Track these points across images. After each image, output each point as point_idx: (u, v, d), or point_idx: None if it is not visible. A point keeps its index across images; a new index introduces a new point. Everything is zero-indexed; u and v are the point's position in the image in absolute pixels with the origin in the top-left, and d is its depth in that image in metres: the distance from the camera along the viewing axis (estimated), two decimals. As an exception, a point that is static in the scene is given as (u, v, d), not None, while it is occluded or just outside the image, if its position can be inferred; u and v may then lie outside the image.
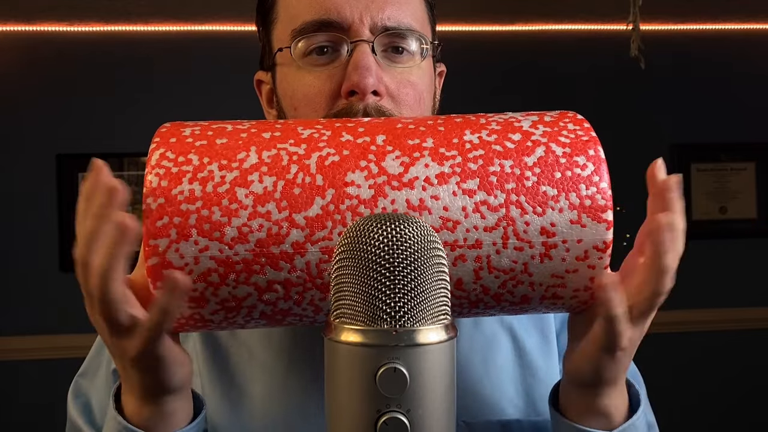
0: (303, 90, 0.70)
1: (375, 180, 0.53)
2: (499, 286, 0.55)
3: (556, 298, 0.57)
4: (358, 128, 0.56)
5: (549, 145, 0.55)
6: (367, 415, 0.39)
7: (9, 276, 2.72)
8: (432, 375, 0.40)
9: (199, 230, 0.51)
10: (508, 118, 0.58)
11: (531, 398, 0.72)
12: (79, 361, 0.77)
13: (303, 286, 0.53)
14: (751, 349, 2.99)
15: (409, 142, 0.55)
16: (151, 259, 0.51)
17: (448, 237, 0.53)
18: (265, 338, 0.72)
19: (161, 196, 0.52)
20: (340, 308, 0.41)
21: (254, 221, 0.52)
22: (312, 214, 0.52)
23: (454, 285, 0.54)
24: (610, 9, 2.50)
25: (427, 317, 0.40)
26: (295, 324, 0.58)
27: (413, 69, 0.71)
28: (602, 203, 0.54)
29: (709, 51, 3.01)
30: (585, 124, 0.57)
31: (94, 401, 0.72)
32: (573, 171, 0.54)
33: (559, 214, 0.53)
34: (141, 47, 2.76)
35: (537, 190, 0.53)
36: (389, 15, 0.69)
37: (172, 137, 0.55)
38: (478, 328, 0.75)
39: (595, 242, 0.54)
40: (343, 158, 0.54)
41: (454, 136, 0.55)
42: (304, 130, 0.56)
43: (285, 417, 0.69)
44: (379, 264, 0.40)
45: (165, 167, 0.53)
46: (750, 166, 3.06)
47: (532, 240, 0.53)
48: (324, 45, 0.69)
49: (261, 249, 0.52)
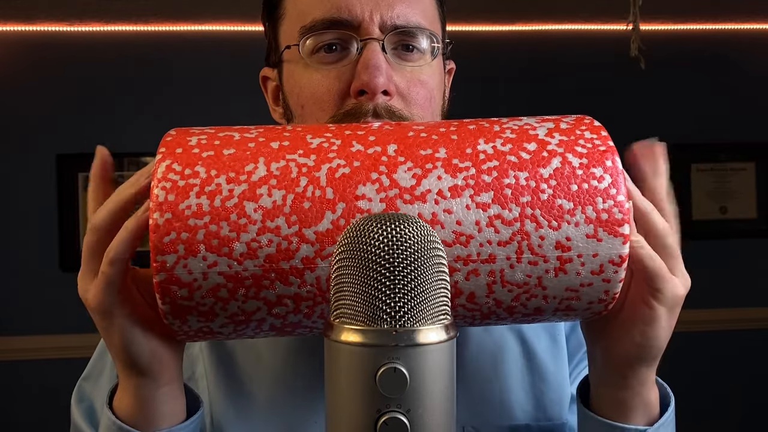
0: (311, 88, 0.69)
1: (386, 193, 0.52)
2: (513, 300, 0.54)
3: (569, 310, 0.56)
4: (368, 137, 0.55)
5: (565, 156, 0.53)
6: (367, 415, 0.39)
7: (9, 276, 2.72)
8: (432, 375, 0.40)
9: (207, 246, 0.50)
10: (522, 125, 0.56)
11: (541, 403, 0.72)
12: (79, 361, 0.77)
13: (313, 300, 0.52)
14: (751, 349, 2.99)
15: (422, 153, 0.53)
16: (159, 275, 0.51)
17: (461, 252, 0.51)
18: (272, 342, 0.72)
19: (168, 210, 0.51)
20: (340, 308, 0.41)
21: (263, 236, 0.51)
22: (322, 229, 0.51)
23: (466, 298, 0.53)
24: (610, 9, 2.50)
25: (427, 317, 0.40)
26: (305, 335, 0.58)
27: (424, 68, 0.69)
28: (619, 217, 0.52)
29: (709, 51, 3.01)
30: (602, 132, 0.56)
31: (98, 405, 0.72)
32: (590, 183, 0.53)
33: (575, 228, 0.52)
34: (141, 47, 2.76)
35: (553, 204, 0.52)
36: (399, 13, 0.68)
37: (178, 147, 0.54)
38: (487, 333, 0.74)
39: (611, 257, 0.53)
40: (353, 170, 0.52)
41: (467, 145, 0.54)
42: (313, 139, 0.55)
43: (291, 420, 0.69)
44: (379, 264, 0.40)
45: (172, 180, 0.51)
46: (750, 166, 3.05)
47: (547, 254, 0.52)
48: (333, 43, 0.68)
49: (270, 264, 0.51)
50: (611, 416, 0.60)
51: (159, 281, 0.51)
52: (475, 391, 0.71)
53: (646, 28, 1.86)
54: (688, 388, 2.86)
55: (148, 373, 0.57)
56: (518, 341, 0.74)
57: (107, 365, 0.74)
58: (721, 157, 3.04)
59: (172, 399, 0.59)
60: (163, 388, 0.58)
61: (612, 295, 0.55)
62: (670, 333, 0.58)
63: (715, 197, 3.03)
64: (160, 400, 0.58)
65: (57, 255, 2.72)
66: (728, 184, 3.05)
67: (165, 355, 0.57)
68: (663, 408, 0.62)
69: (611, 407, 0.60)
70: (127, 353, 0.56)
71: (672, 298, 0.56)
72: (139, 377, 0.57)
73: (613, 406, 0.60)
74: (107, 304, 0.54)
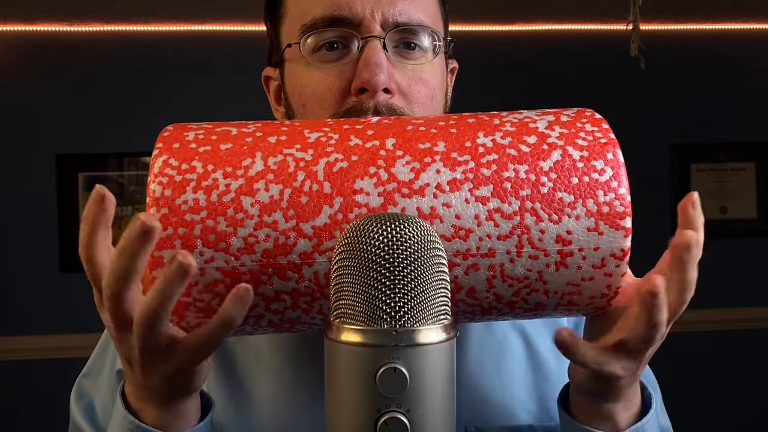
0: (312, 87, 0.68)
1: (384, 187, 0.51)
2: (513, 294, 0.53)
3: (571, 304, 0.55)
4: (366, 131, 0.54)
5: (566, 149, 0.53)
6: (367, 414, 0.39)
7: (9, 276, 2.72)
8: (432, 375, 0.40)
9: (204, 241, 0.50)
10: (522, 118, 0.56)
11: (544, 403, 0.71)
12: (79, 361, 0.76)
13: (311, 296, 0.52)
14: (752, 349, 2.99)
15: (420, 146, 0.53)
16: (156, 270, 0.50)
17: (460, 246, 0.51)
18: (272, 342, 0.72)
19: (165, 205, 0.50)
20: (340, 308, 0.41)
21: (260, 231, 0.50)
22: (320, 223, 0.50)
23: (466, 293, 0.53)
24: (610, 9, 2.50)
25: (427, 317, 0.40)
26: (304, 331, 0.58)
27: (425, 66, 0.69)
28: (620, 210, 0.52)
29: (708, 51, 3.01)
30: (603, 124, 0.55)
31: (98, 402, 0.72)
32: (590, 176, 0.52)
33: (576, 222, 0.51)
34: (141, 47, 2.76)
35: (553, 197, 0.51)
36: (401, 10, 0.68)
37: (175, 142, 0.53)
38: (490, 332, 0.73)
39: (613, 250, 0.52)
40: (351, 164, 0.52)
41: (466, 139, 0.53)
42: (311, 133, 0.54)
43: (292, 420, 0.69)
44: (379, 264, 0.40)
45: (168, 175, 0.51)
46: (750, 166, 3.05)
47: (548, 248, 0.51)
48: (334, 41, 0.68)
49: (268, 259, 0.50)
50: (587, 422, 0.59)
51: (156, 276, 0.50)
52: (478, 391, 0.70)
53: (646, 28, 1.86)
54: (688, 388, 2.86)
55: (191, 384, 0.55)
56: (521, 340, 0.74)
57: (107, 362, 0.74)
58: (721, 157, 3.04)
59: (195, 400, 0.59)
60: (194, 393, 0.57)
61: (614, 290, 0.54)
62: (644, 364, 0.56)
63: (715, 197, 3.03)
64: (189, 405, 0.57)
65: (57, 255, 2.72)
66: (728, 184, 3.04)
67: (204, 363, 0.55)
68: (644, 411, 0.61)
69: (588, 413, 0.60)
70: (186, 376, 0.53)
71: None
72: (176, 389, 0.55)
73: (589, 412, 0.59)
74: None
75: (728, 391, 2.98)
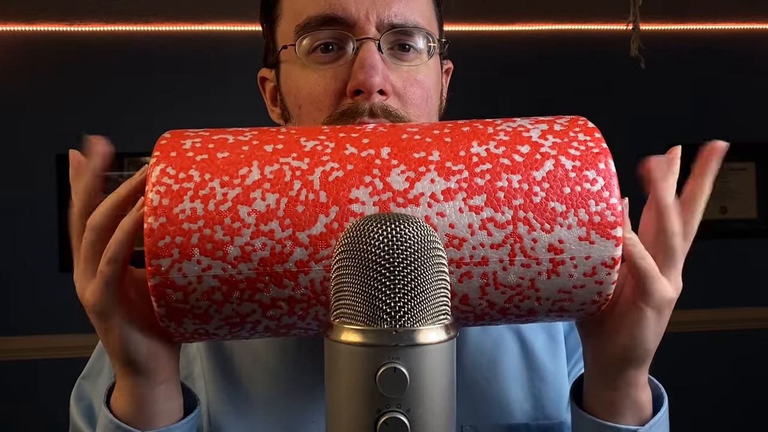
0: (307, 88, 0.68)
1: (380, 197, 0.52)
2: (505, 301, 0.54)
3: (562, 311, 0.56)
4: (362, 139, 0.55)
5: (558, 158, 0.53)
6: (367, 415, 0.39)
7: (9, 276, 2.72)
8: (432, 375, 0.40)
9: (201, 249, 0.51)
10: (516, 126, 0.56)
11: (539, 402, 0.72)
12: (78, 361, 0.76)
13: (307, 303, 0.53)
14: (752, 349, 2.99)
15: (415, 156, 0.53)
16: (154, 278, 0.51)
17: (453, 254, 0.52)
18: (271, 342, 0.72)
19: (163, 215, 0.51)
20: (340, 308, 0.41)
21: (257, 240, 0.51)
22: (316, 232, 0.51)
23: (459, 300, 0.53)
24: (610, 9, 2.50)
25: (427, 317, 0.40)
26: (299, 336, 0.58)
27: (420, 67, 0.69)
28: (611, 220, 0.52)
29: (708, 51, 3.01)
30: (596, 133, 0.56)
31: (97, 404, 0.72)
32: (582, 186, 0.53)
33: (568, 231, 0.52)
34: (141, 47, 2.76)
35: (545, 207, 0.52)
36: (396, 12, 0.68)
37: (173, 151, 0.54)
38: (486, 332, 0.74)
39: (604, 259, 0.53)
40: (347, 173, 0.52)
41: (461, 148, 0.54)
42: (307, 141, 0.55)
43: (290, 420, 0.69)
44: (379, 264, 0.40)
45: (166, 184, 0.52)
46: (750, 166, 3.05)
47: (540, 257, 0.52)
48: (329, 42, 0.68)
49: (264, 268, 0.51)
50: (602, 415, 0.60)
51: (154, 285, 0.51)
52: (474, 390, 0.71)
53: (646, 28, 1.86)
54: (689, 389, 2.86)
55: (145, 372, 0.57)
56: (517, 340, 0.74)
57: (106, 364, 0.74)
58: (720, 157, 3.04)
59: (169, 397, 0.59)
60: (160, 387, 0.58)
61: (604, 297, 0.55)
62: (659, 337, 0.58)
63: (715, 197, 3.01)
64: (157, 399, 0.58)
65: (57, 255, 2.72)
66: (728, 184, 3.05)
67: (162, 353, 0.57)
68: (656, 408, 0.62)
69: (601, 407, 0.60)
70: (125, 352, 0.56)
71: (660, 299, 0.56)
72: (136, 376, 0.57)
73: (603, 405, 0.60)
74: (105, 304, 0.54)
75: (728, 391, 2.98)
